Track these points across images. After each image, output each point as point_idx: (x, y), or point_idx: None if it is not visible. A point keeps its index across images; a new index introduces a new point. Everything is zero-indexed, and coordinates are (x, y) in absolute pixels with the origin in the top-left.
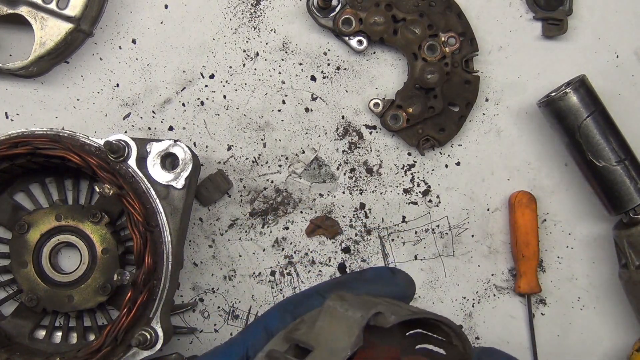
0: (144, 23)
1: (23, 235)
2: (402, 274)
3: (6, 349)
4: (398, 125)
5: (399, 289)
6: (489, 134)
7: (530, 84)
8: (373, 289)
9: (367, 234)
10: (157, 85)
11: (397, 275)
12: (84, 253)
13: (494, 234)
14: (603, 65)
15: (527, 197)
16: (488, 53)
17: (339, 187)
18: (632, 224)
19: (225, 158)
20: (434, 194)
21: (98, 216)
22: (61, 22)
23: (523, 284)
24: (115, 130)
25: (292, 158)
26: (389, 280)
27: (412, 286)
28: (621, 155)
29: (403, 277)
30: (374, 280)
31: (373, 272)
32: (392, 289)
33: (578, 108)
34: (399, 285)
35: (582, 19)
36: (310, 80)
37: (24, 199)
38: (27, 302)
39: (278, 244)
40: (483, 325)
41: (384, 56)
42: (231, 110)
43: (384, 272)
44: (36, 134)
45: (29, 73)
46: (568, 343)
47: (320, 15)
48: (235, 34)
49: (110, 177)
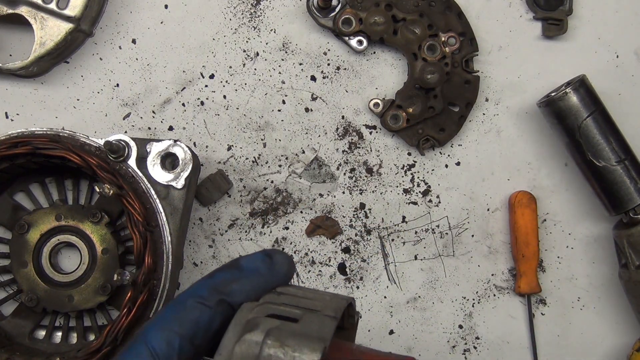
0: (144, 23)
1: (23, 235)
2: (279, 256)
3: (6, 349)
4: (398, 125)
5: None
6: (489, 134)
7: (530, 84)
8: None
9: (367, 234)
10: (157, 85)
11: (275, 259)
12: (84, 253)
13: (494, 234)
14: (603, 65)
15: (527, 197)
16: (488, 53)
17: (339, 187)
18: (632, 224)
19: (225, 158)
20: (434, 194)
21: (98, 216)
22: (61, 22)
23: (523, 284)
24: (115, 130)
25: (292, 158)
26: (268, 267)
27: (291, 266)
28: (621, 155)
29: (281, 260)
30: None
31: (249, 264)
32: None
33: (578, 108)
34: (279, 272)
35: (582, 19)
36: (310, 80)
37: (24, 199)
38: (27, 302)
39: (278, 244)
40: (483, 325)
41: (384, 56)
42: (231, 110)
43: (261, 260)
44: (36, 134)
45: (29, 73)
46: (568, 343)
47: (320, 15)
48: (235, 34)
49: (110, 177)
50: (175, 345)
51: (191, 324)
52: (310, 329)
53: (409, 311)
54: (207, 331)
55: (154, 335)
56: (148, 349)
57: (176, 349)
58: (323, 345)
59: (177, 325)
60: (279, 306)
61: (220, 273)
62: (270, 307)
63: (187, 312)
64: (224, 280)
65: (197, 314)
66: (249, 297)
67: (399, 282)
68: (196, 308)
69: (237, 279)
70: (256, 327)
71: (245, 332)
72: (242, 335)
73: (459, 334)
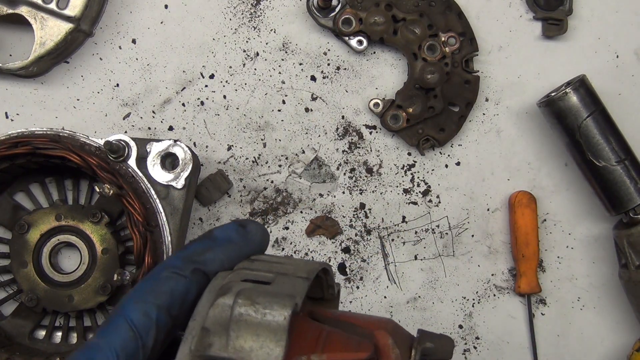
0: (144, 23)
1: (23, 235)
2: (252, 225)
3: (6, 349)
4: (398, 125)
5: (254, 245)
6: (489, 134)
7: (530, 84)
8: (229, 253)
9: (367, 234)
10: (157, 85)
11: (248, 229)
12: (84, 253)
13: (494, 234)
14: (603, 65)
15: (527, 197)
16: (488, 53)
17: (339, 187)
18: (632, 224)
19: (225, 158)
20: (434, 194)
21: (98, 216)
22: (61, 22)
23: (523, 284)
24: (115, 130)
25: (292, 158)
26: (242, 237)
27: (265, 235)
28: (621, 155)
29: (254, 230)
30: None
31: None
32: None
33: (578, 108)
34: (253, 241)
35: (582, 19)
36: (310, 80)
37: (24, 199)
38: (27, 302)
39: (278, 244)
40: (483, 325)
41: (384, 56)
42: (231, 110)
43: (234, 230)
44: (36, 134)
45: (29, 73)
46: (568, 343)
47: (320, 15)
48: (235, 34)
49: (110, 177)
50: (152, 316)
51: (167, 294)
52: (282, 289)
53: (409, 311)
54: (183, 301)
55: (131, 308)
56: (126, 322)
57: (154, 319)
58: (294, 301)
59: (153, 296)
60: (252, 271)
61: (194, 244)
62: (243, 272)
63: (162, 283)
64: (197, 250)
65: (173, 284)
66: (223, 266)
67: (399, 282)
68: (171, 278)
69: (211, 248)
70: (229, 290)
71: (218, 297)
72: (216, 300)
73: (459, 334)
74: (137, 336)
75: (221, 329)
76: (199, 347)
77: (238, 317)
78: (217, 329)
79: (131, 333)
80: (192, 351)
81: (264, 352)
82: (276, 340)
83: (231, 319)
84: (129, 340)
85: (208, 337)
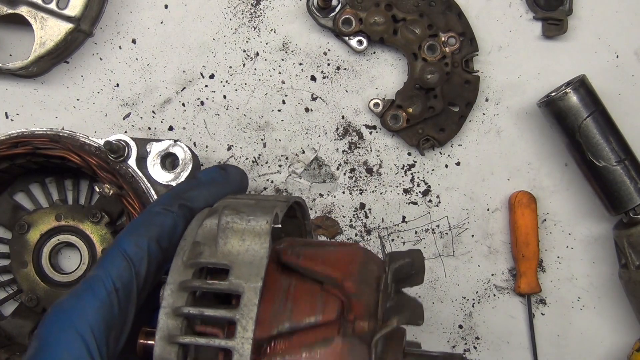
0: (144, 23)
1: (23, 235)
2: (232, 168)
3: (6, 349)
4: (398, 125)
5: (235, 184)
6: (489, 134)
7: (530, 84)
8: (212, 191)
9: (367, 234)
10: (157, 85)
11: (229, 170)
12: (84, 253)
13: (494, 234)
14: (603, 65)
15: (527, 197)
16: (488, 53)
17: (339, 187)
18: (632, 224)
19: (225, 158)
20: (434, 194)
21: (98, 216)
22: (61, 22)
23: (523, 284)
24: (115, 130)
25: (292, 158)
26: (224, 178)
27: (245, 177)
28: (621, 155)
29: (234, 172)
30: (210, 183)
31: (206, 176)
32: (230, 186)
33: (578, 108)
34: (234, 181)
35: (582, 19)
36: (310, 80)
37: (24, 199)
38: (27, 302)
39: None
40: (483, 325)
41: (384, 56)
42: (231, 110)
43: (215, 172)
44: (36, 134)
45: (29, 73)
46: (568, 343)
47: (320, 15)
48: (235, 34)
49: (110, 177)
50: (144, 246)
51: (156, 227)
52: (264, 205)
53: None
54: (172, 234)
55: (125, 241)
56: (121, 253)
57: (145, 250)
58: (274, 211)
59: (145, 229)
60: (236, 199)
61: (180, 185)
62: (227, 201)
63: (153, 217)
64: (183, 189)
65: (162, 218)
66: (208, 202)
67: None
68: (160, 213)
69: (196, 187)
70: (215, 212)
71: (206, 219)
72: (204, 222)
73: (459, 334)
74: (130, 265)
75: (210, 240)
76: (191, 257)
77: (225, 225)
78: (207, 240)
79: (125, 263)
80: (184, 261)
81: (249, 255)
82: (260, 243)
83: (219, 227)
84: (124, 270)
85: (198, 247)
